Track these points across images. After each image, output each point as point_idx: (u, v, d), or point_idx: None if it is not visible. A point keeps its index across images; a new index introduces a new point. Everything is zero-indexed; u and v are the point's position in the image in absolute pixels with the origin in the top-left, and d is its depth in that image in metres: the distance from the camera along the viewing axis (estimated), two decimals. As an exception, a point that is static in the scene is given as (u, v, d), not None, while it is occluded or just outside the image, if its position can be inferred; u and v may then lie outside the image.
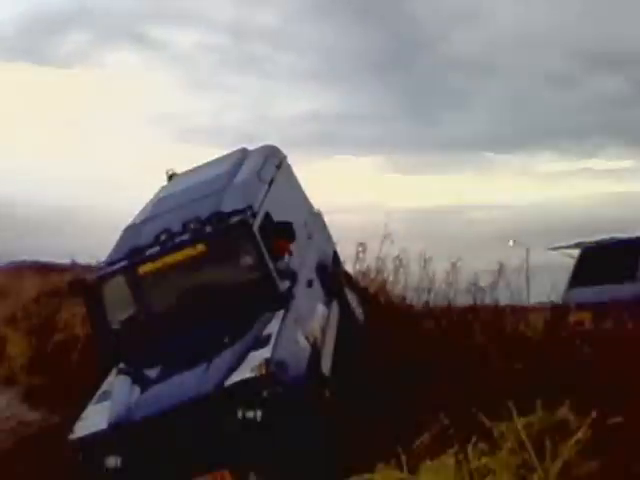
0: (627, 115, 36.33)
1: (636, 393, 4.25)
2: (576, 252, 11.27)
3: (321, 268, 7.40)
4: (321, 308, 6.90)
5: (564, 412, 4.10)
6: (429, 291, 9.13)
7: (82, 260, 12.38)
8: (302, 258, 6.94)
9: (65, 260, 13.23)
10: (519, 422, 4.03)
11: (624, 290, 9.89)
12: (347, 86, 38.02)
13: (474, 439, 4.11)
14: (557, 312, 8.03)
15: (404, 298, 8.93)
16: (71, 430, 5.49)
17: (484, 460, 3.94)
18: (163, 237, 6.27)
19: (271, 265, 6.08)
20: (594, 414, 3.79)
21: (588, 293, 10.13)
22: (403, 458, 4.11)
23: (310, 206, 8.23)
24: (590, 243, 11.13)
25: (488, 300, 8.65)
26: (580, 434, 3.79)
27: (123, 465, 5.18)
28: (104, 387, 5.99)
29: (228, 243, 6.22)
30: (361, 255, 9.27)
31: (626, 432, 3.77)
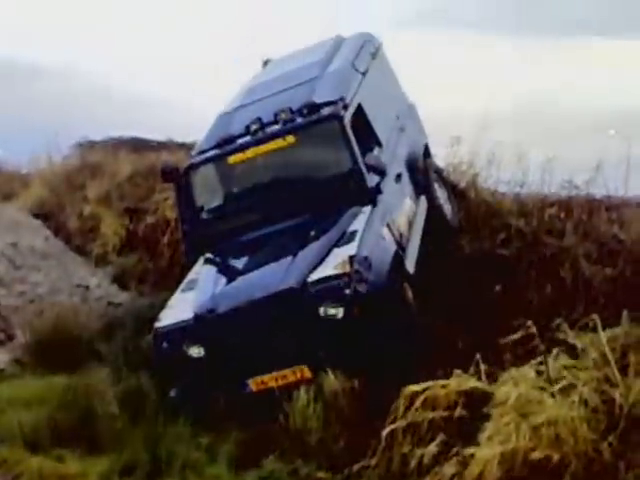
0: None
1: None
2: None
3: (411, 162, 7.29)
4: (408, 203, 6.83)
5: (651, 326, 4.02)
6: (522, 186, 8.88)
7: (179, 138, 12.66)
8: (392, 151, 6.85)
9: (161, 137, 13.52)
10: (603, 335, 3.97)
11: None
12: None
13: (556, 351, 4.08)
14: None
15: (494, 194, 8.68)
16: (157, 318, 5.73)
17: (564, 373, 3.91)
18: (254, 127, 6.27)
19: (360, 159, 6.02)
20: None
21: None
22: (482, 367, 4.14)
23: (404, 97, 8.03)
24: None
25: (584, 195, 8.37)
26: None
27: (206, 355, 5.39)
28: (191, 275, 6.19)
29: (318, 135, 6.18)
30: (454, 149, 9.01)
31: None
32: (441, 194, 7.73)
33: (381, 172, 6.07)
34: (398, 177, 6.72)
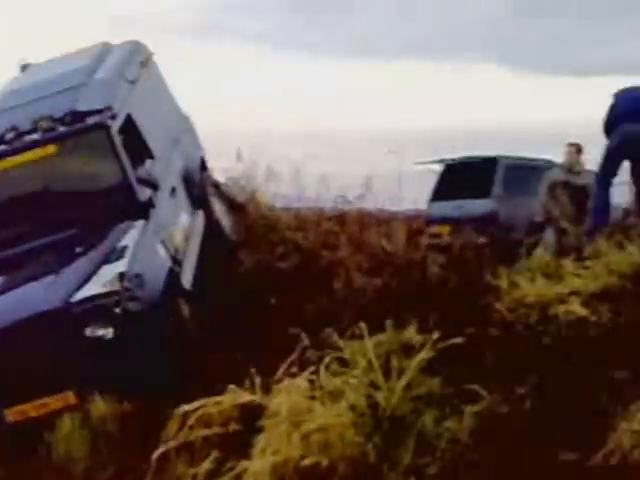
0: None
1: (475, 314, 4.43)
2: (439, 167, 11.64)
3: (187, 175, 7.19)
4: (185, 218, 6.73)
5: (411, 332, 4.22)
6: (299, 201, 9.15)
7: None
8: (166, 164, 6.70)
9: None
10: (369, 342, 4.11)
11: (480, 205, 10.39)
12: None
13: (327, 359, 4.17)
14: (417, 225, 8.27)
15: (272, 208, 8.85)
16: None
17: (334, 381, 3.99)
18: (9, 135, 5.85)
19: (130, 171, 5.82)
20: (436, 334, 3.91)
21: (447, 208, 10.56)
22: (257, 380, 4.12)
23: (177, 109, 7.90)
24: (451, 160, 11.50)
25: (357, 209, 8.78)
26: (423, 353, 3.90)
27: None
28: None
29: (84, 146, 5.90)
30: (233, 162, 9.07)
31: (465, 352, 3.92)
32: (219, 208, 7.72)
33: (153, 185, 5.91)
34: (173, 191, 6.59)
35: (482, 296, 4.68)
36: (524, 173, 11.05)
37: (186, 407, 4.14)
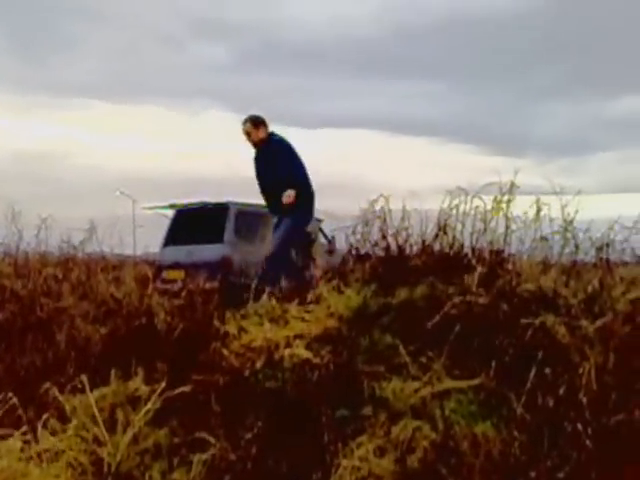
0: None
1: (202, 361, 4.43)
2: (170, 212, 11.63)
3: None
4: None
5: (137, 383, 4.11)
6: (17, 246, 8.53)
7: None
8: None
9: None
10: (91, 395, 3.92)
11: (213, 251, 10.52)
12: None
13: (45, 417, 3.90)
14: (147, 270, 8.12)
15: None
16: None
17: (52, 440, 3.74)
18: None
19: None
20: (163, 384, 3.85)
21: (182, 252, 10.54)
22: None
23: None
24: (182, 205, 11.56)
25: (82, 255, 8.39)
26: (150, 404, 3.81)
27: None
28: None
29: None
30: None
31: (192, 400, 3.90)
32: None
33: None
34: None
35: (210, 342, 4.69)
36: (254, 219, 11.41)
37: None
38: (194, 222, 11.04)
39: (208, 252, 10.49)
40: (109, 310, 6.73)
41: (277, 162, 8.00)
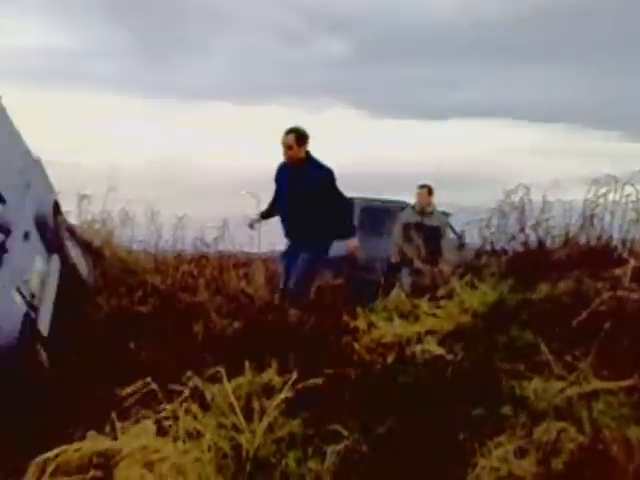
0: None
1: (333, 355, 4.48)
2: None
3: (40, 220, 6.88)
4: (40, 262, 6.42)
5: (271, 374, 4.21)
6: (156, 244, 9.00)
7: None
8: (17, 208, 6.38)
9: None
10: (229, 385, 4.06)
11: (338, 247, 10.61)
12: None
13: (186, 401, 4.07)
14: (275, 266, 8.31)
15: (130, 252, 8.63)
16: None
17: (193, 423, 3.90)
18: None
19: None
20: (295, 375, 3.92)
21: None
22: (118, 425, 3.96)
23: (27, 152, 7.58)
24: None
25: (214, 252, 8.74)
26: (283, 394, 3.90)
27: None
28: None
29: None
30: (85, 206, 8.81)
31: (324, 392, 3.95)
32: (75, 252, 7.42)
33: (6, 230, 5.63)
34: (26, 235, 6.29)
35: (340, 336, 4.74)
36: (379, 215, 11.40)
37: (45, 455, 3.92)
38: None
39: (334, 248, 10.58)
40: (240, 304, 6.96)
41: (319, 190, 7.32)
